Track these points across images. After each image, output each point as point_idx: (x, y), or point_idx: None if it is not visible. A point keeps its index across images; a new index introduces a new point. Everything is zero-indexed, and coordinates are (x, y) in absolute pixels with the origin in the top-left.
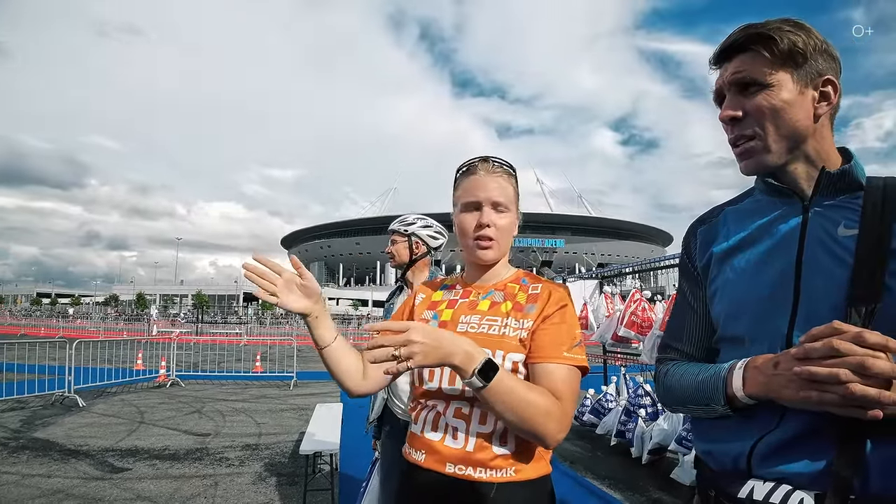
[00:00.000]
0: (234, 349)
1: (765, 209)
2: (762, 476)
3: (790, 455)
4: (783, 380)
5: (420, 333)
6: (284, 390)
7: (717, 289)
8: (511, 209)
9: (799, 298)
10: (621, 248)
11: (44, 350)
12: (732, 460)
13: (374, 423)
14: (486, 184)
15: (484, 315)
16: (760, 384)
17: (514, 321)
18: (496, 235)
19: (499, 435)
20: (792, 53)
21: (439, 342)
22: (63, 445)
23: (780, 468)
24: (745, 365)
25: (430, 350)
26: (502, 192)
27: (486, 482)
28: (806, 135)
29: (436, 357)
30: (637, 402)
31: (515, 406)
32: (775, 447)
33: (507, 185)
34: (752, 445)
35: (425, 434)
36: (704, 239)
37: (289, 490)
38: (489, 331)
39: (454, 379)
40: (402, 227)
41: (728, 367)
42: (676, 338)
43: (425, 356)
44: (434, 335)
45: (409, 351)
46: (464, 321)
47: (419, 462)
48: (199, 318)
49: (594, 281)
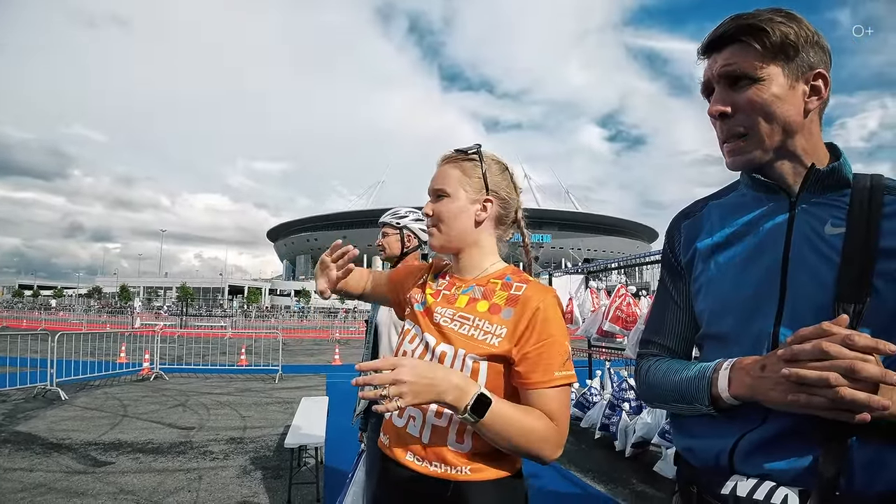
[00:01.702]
0: (218, 342)
1: (750, 205)
2: (745, 473)
3: (774, 453)
4: (770, 382)
5: (409, 372)
6: (269, 384)
7: (701, 285)
8: (455, 193)
9: (785, 297)
10: (607, 243)
11: (25, 343)
12: (714, 457)
13: (360, 415)
14: (434, 175)
15: (458, 311)
16: (746, 386)
17: (486, 324)
18: (434, 223)
19: (454, 430)
20: (783, 46)
21: (431, 380)
22: (45, 439)
23: (763, 465)
24: (732, 366)
25: (421, 389)
26: (443, 178)
27: (442, 478)
28: (795, 130)
29: (427, 396)
30: (621, 395)
31: (510, 436)
32: (758, 444)
33: (453, 170)
34: (734, 442)
35: (393, 419)
36: (688, 234)
37: (274, 483)
38: (459, 329)
39: (423, 357)
40: (393, 219)
41: (713, 367)
42: (658, 332)
43: (415, 395)
44: (425, 373)
45: (397, 391)
46: (439, 312)
47: (386, 445)
48: (183, 311)
49: (580, 276)
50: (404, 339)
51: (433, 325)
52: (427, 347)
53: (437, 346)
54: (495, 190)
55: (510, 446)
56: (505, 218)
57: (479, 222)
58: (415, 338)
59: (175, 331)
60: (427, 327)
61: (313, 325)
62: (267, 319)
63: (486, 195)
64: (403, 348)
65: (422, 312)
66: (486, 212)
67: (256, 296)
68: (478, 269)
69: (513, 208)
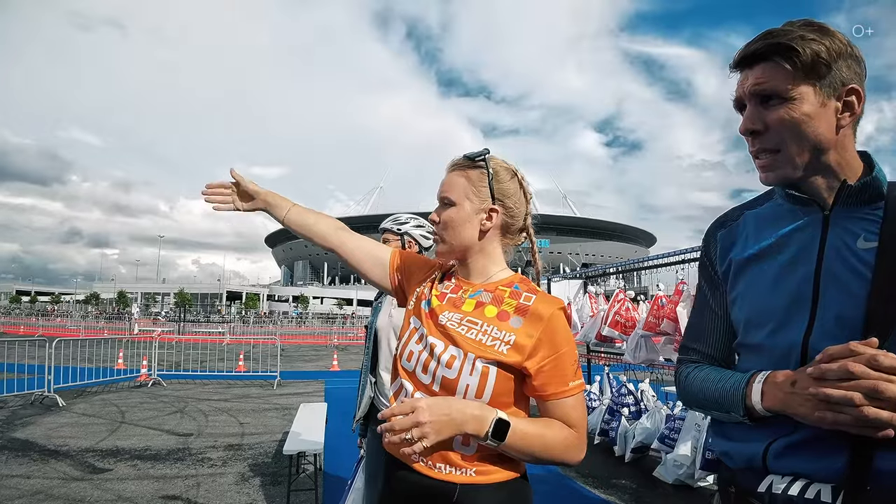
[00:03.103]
0: (216, 348)
1: (785, 217)
2: (778, 472)
3: (804, 454)
4: (800, 398)
5: (427, 413)
6: (268, 390)
7: (737, 296)
8: (460, 201)
9: (816, 310)
10: (605, 248)
11: (23, 349)
12: (747, 459)
13: (360, 421)
14: (442, 181)
15: (466, 315)
16: (778, 400)
17: (495, 330)
18: (439, 230)
19: None
20: (814, 65)
21: (449, 415)
22: (43, 446)
23: (795, 465)
24: (765, 380)
25: (442, 427)
26: (449, 186)
27: (449, 482)
28: (828, 147)
29: (448, 432)
30: (620, 400)
31: (533, 451)
32: (789, 447)
33: (459, 178)
34: (766, 445)
35: None
36: (724, 244)
37: (272, 490)
38: (467, 333)
39: (428, 364)
40: (395, 225)
41: (748, 380)
42: (696, 339)
43: (437, 433)
44: (442, 410)
45: (420, 433)
46: (445, 316)
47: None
48: (181, 317)
49: (578, 281)
50: (410, 339)
51: (438, 327)
52: (431, 351)
53: (444, 350)
54: (501, 199)
55: (535, 460)
56: (512, 226)
57: (484, 231)
58: (421, 339)
59: (173, 337)
60: (431, 330)
61: (312, 331)
62: (265, 325)
63: (491, 204)
64: (409, 348)
65: (427, 313)
66: (492, 221)
67: (254, 301)
68: (484, 276)
69: (521, 216)
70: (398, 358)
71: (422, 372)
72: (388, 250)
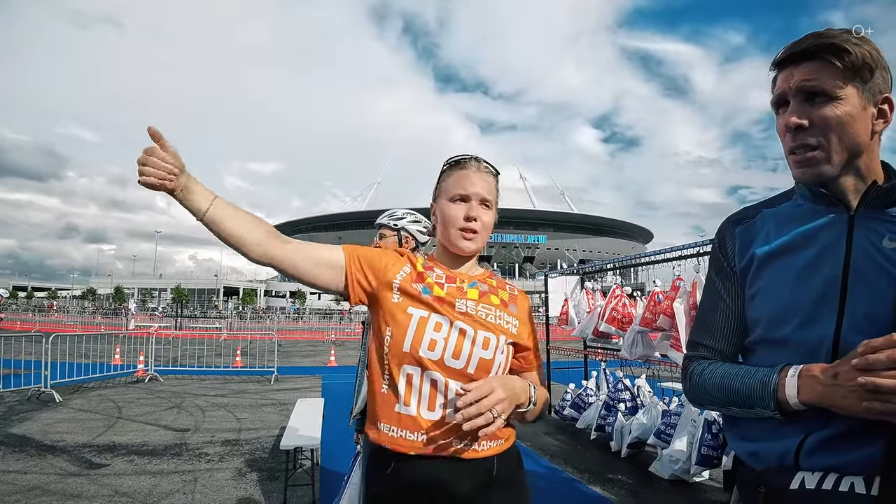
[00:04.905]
0: (213, 344)
1: (807, 216)
2: (810, 468)
3: (838, 449)
4: (844, 390)
5: (502, 390)
6: (265, 385)
7: (757, 290)
8: (493, 208)
9: (844, 307)
10: (602, 244)
11: (20, 344)
12: (778, 457)
13: (357, 416)
14: (476, 180)
15: (478, 301)
16: (817, 393)
17: (505, 315)
18: (479, 229)
19: None
20: (862, 68)
21: (514, 390)
22: (39, 441)
23: (828, 460)
24: (799, 373)
25: (511, 400)
26: (490, 190)
27: (488, 456)
28: (862, 150)
29: (511, 403)
30: (617, 396)
31: (542, 408)
32: (823, 442)
33: (493, 185)
34: (799, 442)
35: (423, 413)
36: (743, 239)
37: (269, 485)
38: (486, 318)
39: (459, 351)
40: (391, 221)
41: (779, 374)
42: (707, 334)
43: (510, 406)
44: (508, 385)
45: (502, 408)
46: (461, 303)
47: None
48: (178, 313)
49: (576, 277)
50: (427, 329)
51: (462, 314)
52: (464, 335)
53: (476, 333)
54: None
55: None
56: None
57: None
58: (441, 326)
59: (170, 332)
60: (455, 316)
61: (309, 327)
62: (262, 321)
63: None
64: (429, 337)
65: (435, 300)
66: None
67: (251, 297)
68: (472, 271)
69: None
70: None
71: (452, 358)
72: (338, 250)
